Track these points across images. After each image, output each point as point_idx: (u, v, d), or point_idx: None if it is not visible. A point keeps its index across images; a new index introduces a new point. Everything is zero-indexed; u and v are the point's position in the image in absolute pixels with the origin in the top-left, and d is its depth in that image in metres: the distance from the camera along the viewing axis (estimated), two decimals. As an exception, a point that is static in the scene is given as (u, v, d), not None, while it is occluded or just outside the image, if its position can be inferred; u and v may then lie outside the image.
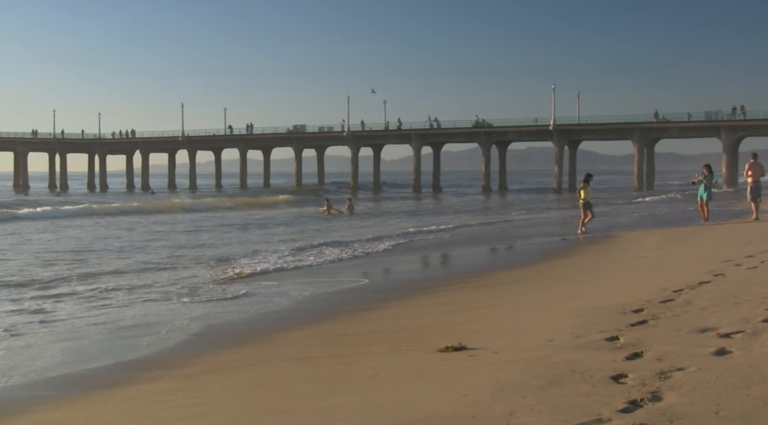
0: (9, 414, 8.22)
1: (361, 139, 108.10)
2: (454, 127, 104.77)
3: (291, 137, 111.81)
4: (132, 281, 19.88)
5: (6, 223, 44.41)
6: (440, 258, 25.56)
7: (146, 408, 7.85)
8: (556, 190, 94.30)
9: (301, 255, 25.52)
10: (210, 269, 22.31)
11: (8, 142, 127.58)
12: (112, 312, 15.52)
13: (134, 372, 10.04)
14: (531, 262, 20.47)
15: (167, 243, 31.65)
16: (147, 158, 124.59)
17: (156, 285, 19.07)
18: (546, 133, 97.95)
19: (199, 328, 13.69)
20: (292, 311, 14.74)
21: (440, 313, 12.85)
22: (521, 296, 14.12)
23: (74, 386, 9.43)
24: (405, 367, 8.34)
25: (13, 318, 14.99)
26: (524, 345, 8.65)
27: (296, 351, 10.47)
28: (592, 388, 6.44)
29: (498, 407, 6.18)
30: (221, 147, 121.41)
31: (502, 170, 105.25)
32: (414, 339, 10.29)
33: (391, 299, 15.17)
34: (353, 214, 48.20)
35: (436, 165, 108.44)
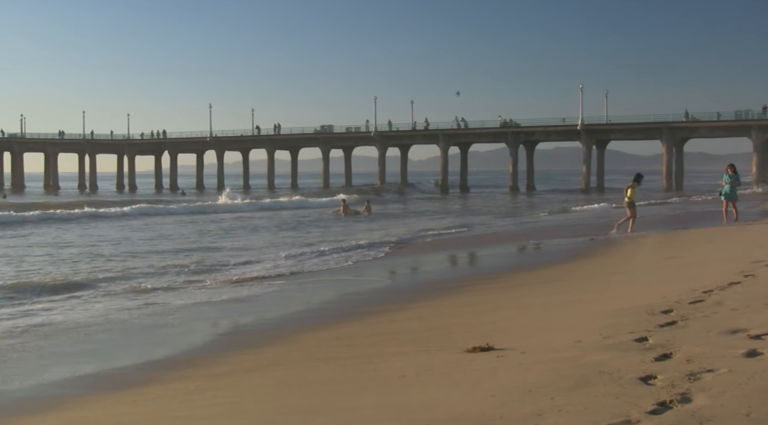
0: (41, 412, 8.29)
1: (388, 139, 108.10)
2: (482, 127, 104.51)
3: (318, 137, 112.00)
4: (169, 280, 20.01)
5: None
6: (467, 259, 25.51)
7: (174, 407, 7.88)
8: (584, 190, 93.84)
9: (327, 256, 25.58)
10: (223, 272, 22.40)
11: (38, 143, 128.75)
12: (143, 311, 15.63)
13: (162, 371, 10.10)
14: (558, 262, 20.38)
15: (169, 243, 31.83)
16: (175, 159, 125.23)
17: (177, 283, 19.19)
18: (574, 132, 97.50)
19: (225, 328, 13.77)
20: (318, 311, 14.77)
21: (468, 313, 12.82)
22: (549, 297, 14.06)
23: (104, 385, 9.50)
24: (432, 367, 8.32)
25: (43, 318, 15.13)
26: (552, 345, 8.61)
27: (323, 351, 10.49)
28: (621, 389, 6.40)
29: (526, 408, 6.16)
30: (249, 147, 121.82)
31: (530, 170, 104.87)
32: (441, 339, 10.27)
33: (418, 299, 15.16)
34: (370, 215, 48.07)
35: (463, 165, 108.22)
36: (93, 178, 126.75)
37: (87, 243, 32.31)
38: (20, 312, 15.77)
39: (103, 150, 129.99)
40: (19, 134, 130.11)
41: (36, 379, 10.14)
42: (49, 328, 14.00)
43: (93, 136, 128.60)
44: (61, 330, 13.89)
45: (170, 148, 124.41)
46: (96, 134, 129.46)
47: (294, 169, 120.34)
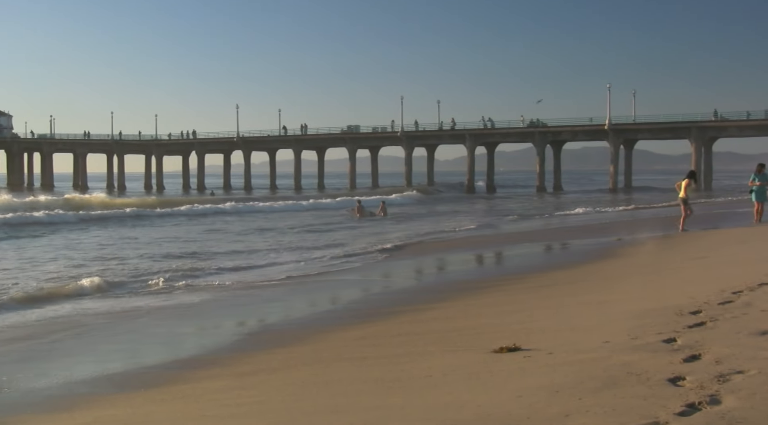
0: (70, 410, 8.36)
1: (414, 139, 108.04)
2: (508, 127, 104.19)
3: (345, 137, 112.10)
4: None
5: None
6: (493, 259, 25.44)
7: (202, 406, 7.92)
8: (612, 190, 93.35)
9: (351, 257, 25.63)
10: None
11: (68, 143, 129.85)
12: (167, 311, 15.73)
13: (190, 370, 10.15)
14: (586, 263, 20.28)
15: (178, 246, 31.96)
16: (202, 159, 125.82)
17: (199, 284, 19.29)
18: (601, 132, 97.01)
19: (252, 327, 13.82)
20: (344, 311, 14.79)
21: (494, 314, 12.79)
22: (576, 297, 13.99)
23: (132, 384, 9.55)
24: (459, 368, 8.31)
25: (77, 318, 15.26)
26: (579, 346, 8.57)
27: (350, 351, 10.49)
28: (649, 390, 6.36)
29: (553, 408, 6.13)
30: (275, 147, 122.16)
31: (557, 170, 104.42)
32: (468, 339, 10.25)
33: (444, 299, 15.14)
34: (386, 216, 47.88)
35: (490, 165, 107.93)
36: (121, 178, 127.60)
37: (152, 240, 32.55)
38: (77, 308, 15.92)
39: (131, 150, 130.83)
40: (49, 135, 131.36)
41: (65, 377, 10.22)
42: (82, 329, 14.12)
43: (121, 137, 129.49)
44: (93, 330, 14.01)
45: (198, 149, 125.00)
46: (124, 135, 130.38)
47: (320, 170, 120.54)
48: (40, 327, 14.29)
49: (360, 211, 48.53)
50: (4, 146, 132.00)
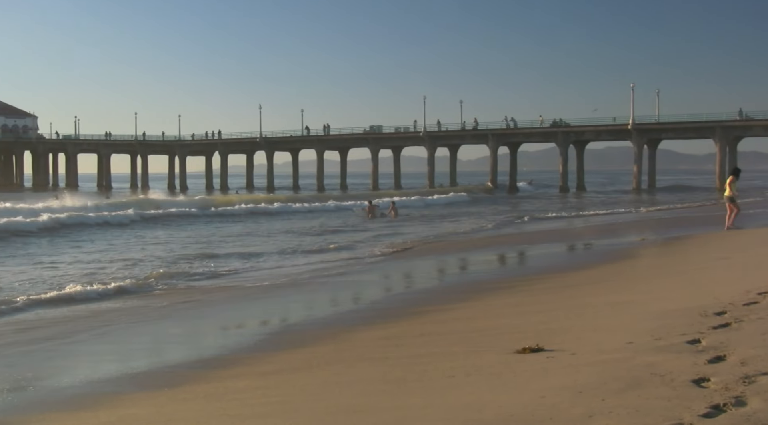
0: (94, 409, 8.40)
1: (437, 139, 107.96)
2: (531, 127, 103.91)
3: (368, 138, 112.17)
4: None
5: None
6: (515, 259, 25.38)
7: (225, 406, 7.94)
8: (636, 190, 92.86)
9: (375, 257, 25.65)
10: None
11: (92, 144, 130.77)
12: (193, 309, 15.80)
13: (213, 369, 10.18)
14: (609, 263, 20.18)
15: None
16: (225, 159, 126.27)
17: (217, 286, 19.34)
18: (625, 132, 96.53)
19: (275, 327, 13.85)
20: (367, 311, 14.79)
21: (517, 314, 12.75)
22: (599, 297, 13.93)
23: (155, 383, 9.59)
24: (481, 368, 8.29)
25: (101, 317, 15.35)
26: (603, 346, 8.54)
27: (372, 351, 10.50)
28: (673, 392, 6.32)
29: (576, 409, 6.11)
30: (298, 147, 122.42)
31: (580, 170, 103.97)
32: (490, 339, 10.23)
33: (467, 299, 15.11)
34: (396, 218, 47.54)
35: (513, 165, 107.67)
36: (145, 179, 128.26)
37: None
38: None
39: (154, 151, 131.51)
40: (73, 135, 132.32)
41: (89, 376, 10.29)
42: (106, 328, 14.21)
43: (145, 137, 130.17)
44: (116, 329, 14.09)
45: (221, 149, 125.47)
46: (147, 135, 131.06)
47: (343, 170, 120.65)
48: (63, 325, 14.38)
49: (372, 212, 48.56)
50: (30, 147, 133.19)
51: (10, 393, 9.48)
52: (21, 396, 9.37)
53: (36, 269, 22.96)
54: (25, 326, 14.36)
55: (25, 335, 13.54)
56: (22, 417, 8.32)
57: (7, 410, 8.71)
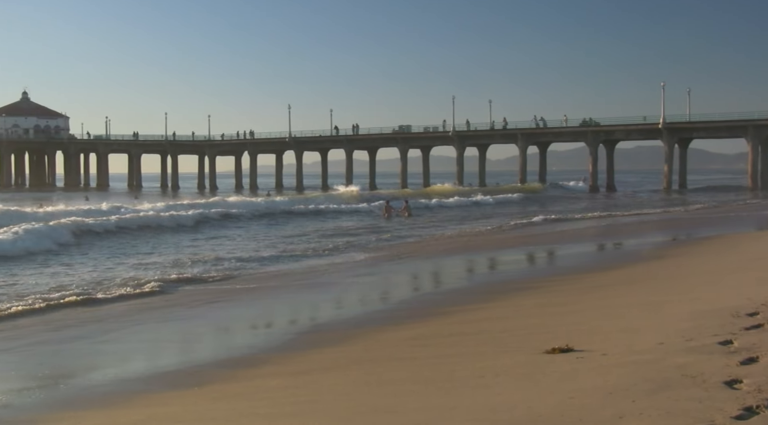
0: (125, 407, 8.47)
1: (466, 139, 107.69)
2: (561, 127, 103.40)
3: (396, 137, 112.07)
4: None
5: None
6: (545, 258, 25.28)
7: (255, 405, 7.97)
8: (666, 190, 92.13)
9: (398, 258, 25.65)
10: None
11: (122, 144, 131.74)
12: (226, 310, 15.86)
13: (243, 369, 10.22)
14: (639, 263, 20.06)
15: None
16: (255, 159, 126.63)
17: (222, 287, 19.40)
18: (655, 131, 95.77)
19: (304, 326, 13.88)
20: (395, 311, 14.78)
21: (546, 314, 12.70)
22: (630, 297, 13.84)
23: (186, 382, 9.65)
24: (511, 368, 8.27)
25: (132, 315, 15.45)
26: (633, 347, 8.48)
27: (401, 351, 10.49)
28: (705, 393, 6.27)
29: (606, 410, 6.07)
30: (327, 147, 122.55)
31: (610, 169, 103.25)
32: (520, 340, 10.19)
33: (496, 299, 15.07)
34: (409, 217, 47.52)
35: (542, 164, 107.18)
36: (175, 178, 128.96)
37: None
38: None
39: (184, 151, 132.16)
40: (104, 136, 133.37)
41: (120, 374, 10.36)
42: (138, 327, 14.30)
43: (175, 137, 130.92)
44: (147, 329, 14.18)
45: (250, 149, 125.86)
46: (177, 135, 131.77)
47: (372, 169, 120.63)
48: (94, 323, 14.49)
49: (388, 211, 49.06)
50: (62, 147, 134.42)
51: (43, 391, 9.57)
52: (54, 393, 9.47)
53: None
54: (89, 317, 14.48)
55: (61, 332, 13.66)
56: (56, 414, 8.40)
57: (41, 407, 8.80)
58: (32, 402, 9.09)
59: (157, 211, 43.68)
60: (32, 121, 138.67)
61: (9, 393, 9.59)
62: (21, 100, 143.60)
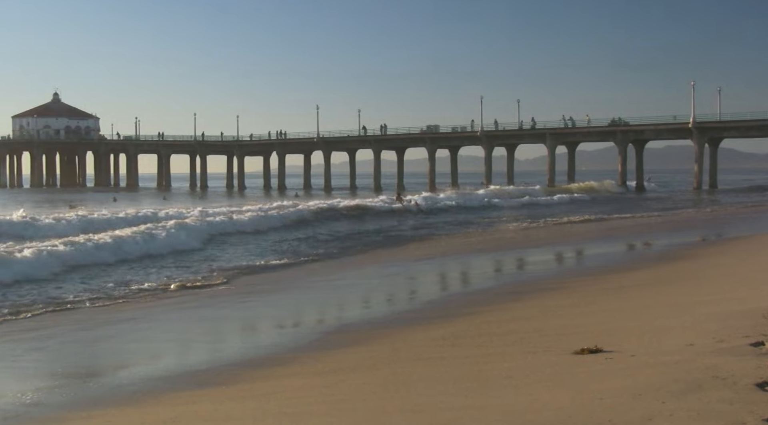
0: (153, 405, 8.52)
1: (494, 139, 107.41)
2: (590, 126, 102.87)
3: (424, 137, 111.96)
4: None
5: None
6: (572, 257, 25.16)
7: (282, 404, 7.99)
8: (696, 190, 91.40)
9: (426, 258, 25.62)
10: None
11: (152, 144, 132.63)
12: (253, 309, 15.93)
13: (270, 368, 10.25)
14: (668, 263, 19.91)
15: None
16: (283, 159, 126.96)
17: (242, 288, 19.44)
18: (685, 130, 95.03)
19: (331, 326, 13.89)
20: (423, 311, 14.76)
21: (575, 315, 12.64)
22: (659, 298, 13.75)
23: (213, 381, 9.69)
24: (539, 369, 8.24)
25: (171, 315, 15.56)
26: (663, 348, 8.42)
27: (429, 351, 10.48)
28: (736, 395, 6.21)
29: (635, 412, 6.04)
30: (355, 147, 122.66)
31: (639, 169, 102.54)
32: (548, 340, 10.15)
33: (523, 299, 15.02)
34: (417, 206, 52.41)
35: (570, 164, 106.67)
36: (204, 178, 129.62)
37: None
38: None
39: (213, 151, 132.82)
40: (134, 136, 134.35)
41: (149, 373, 10.43)
42: (167, 327, 14.39)
43: (204, 138, 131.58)
44: (175, 329, 14.27)
45: (278, 149, 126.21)
46: (206, 135, 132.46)
47: (400, 169, 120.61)
48: (125, 323, 14.60)
49: (400, 200, 55.49)
50: (92, 147, 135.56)
51: (73, 388, 9.65)
52: (85, 390, 9.55)
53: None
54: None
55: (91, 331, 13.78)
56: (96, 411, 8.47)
57: (69, 405, 8.87)
58: (63, 400, 9.16)
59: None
60: (63, 121, 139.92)
61: (42, 390, 9.67)
62: (52, 101, 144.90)
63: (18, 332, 13.93)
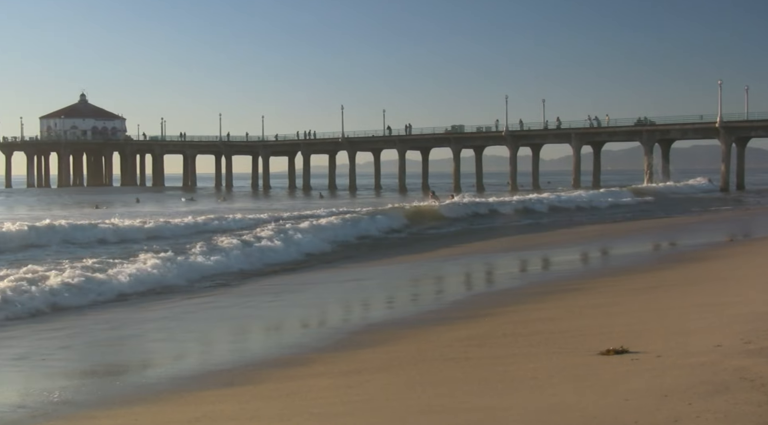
0: (180, 404, 8.56)
1: (519, 139, 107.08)
2: (615, 126, 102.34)
3: (449, 137, 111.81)
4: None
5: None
6: (599, 257, 25.04)
7: (308, 404, 8.01)
8: (724, 190, 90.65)
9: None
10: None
11: (178, 145, 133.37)
12: (280, 309, 15.98)
13: (295, 368, 10.27)
14: (695, 263, 19.77)
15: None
16: (308, 159, 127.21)
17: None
18: (712, 130, 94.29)
19: (356, 326, 13.90)
20: (448, 311, 14.74)
21: (600, 315, 12.59)
22: (685, 298, 13.66)
23: (239, 381, 9.73)
24: (564, 370, 8.21)
25: (184, 314, 15.64)
26: (689, 349, 8.37)
27: (454, 351, 10.47)
28: (764, 397, 6.17)
29: (661, 413, 6.01)
30: (380, 148, 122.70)
31: (665, 169, 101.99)
32: (573, 341, 10.12)
33: (549, 300, 14.96)
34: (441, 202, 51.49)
35: (596, 164, 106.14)
36: (229, 178, 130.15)
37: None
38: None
39: (238, 151, 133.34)
40: (160, 137, 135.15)
41: (175, 372, 10.48)
42: (192, 327, 14.46)
43: (229, 138, 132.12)
44: (202, 328, 14.34)
45: (303, 149, 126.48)
46: (231, 136, 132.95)
47: (425, 170, 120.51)
48: (151, 322, 14.69)
49: (434, 197, 56.42)
50: (118, 148, 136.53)
51: (101, 385, 9.72)
52: (112, 387, 9.61)
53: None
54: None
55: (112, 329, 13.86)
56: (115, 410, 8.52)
57: (96, 403, 8.93)
58: (90, 399, 9.22)
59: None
60: (90, 122, 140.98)
61: (69, 389, 9.74)
62: (79, 102, 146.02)
63: (46, 331, 14.04)
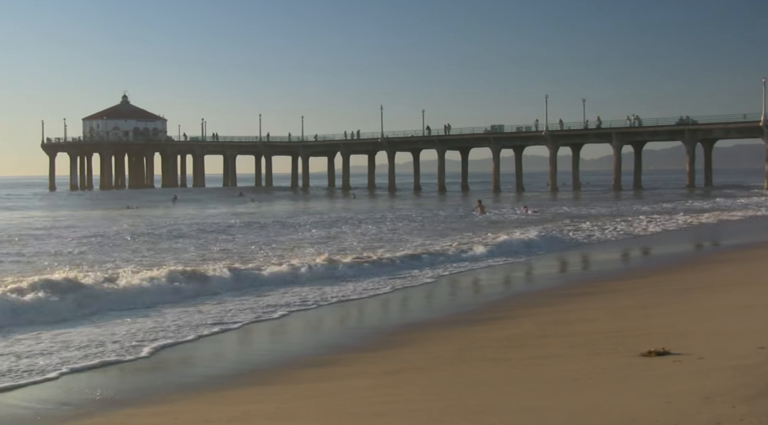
0: (220, 403, 8.62)
1: (559, 139, 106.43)
2: (656, 126, 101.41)
3: (489, 137, 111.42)
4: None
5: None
6: (639, 258, 24.84)
7: (347, 404, 8.03)
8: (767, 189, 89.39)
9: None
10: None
11: (218, 145, 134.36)
12: (313, 309, 16.00)
13: (335, 368, 10.30)
14: (737, 264, 19.55)
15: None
16: (347, 160, 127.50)
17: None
18: (755, 129, 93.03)
19: (395, 326, 13.90)
20: (486, 312, 14.70)
21: (641, 316, 12.49)
22: (728, 300, 13.51)
23: (279, 380, 9.77)
24: (605, 371, 8.16)
25: (223, 314, 15.70)
26: (732, 351, 8.28)
27: (493, 351, 10.44)
28: (808, 400, 6.08)
29: (703, 416, 5.95)
30: (419, 148, 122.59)
31: (708, 169, 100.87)
32: (614, 342, 10.05)
33: (589, 300, 14.88)
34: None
35: (637, 164, 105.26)
36: (269, 179, 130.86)
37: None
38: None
39: (278, 152, 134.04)
40: (200, 137, 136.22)
41: (215, 371, 10.55)
42: (232, 326, 14.53)
43: (269, 139, 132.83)
44: (244, 328, 14.41)
45: (343, 150, 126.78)
46: (271, 136, 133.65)
47: (464, 170, 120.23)
48: (186, 322, 14.78)
49: (480, 208, 53.43)
50: (159, 149, 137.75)
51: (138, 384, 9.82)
52: (152, 387, 9.70)
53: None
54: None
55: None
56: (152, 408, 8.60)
57: (137, 401, 9.02)
58: (131, 397, 9.31)
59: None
60: (132, 123, 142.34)
61: (111, 387, 9.85)
62: (121, 103, 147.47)
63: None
